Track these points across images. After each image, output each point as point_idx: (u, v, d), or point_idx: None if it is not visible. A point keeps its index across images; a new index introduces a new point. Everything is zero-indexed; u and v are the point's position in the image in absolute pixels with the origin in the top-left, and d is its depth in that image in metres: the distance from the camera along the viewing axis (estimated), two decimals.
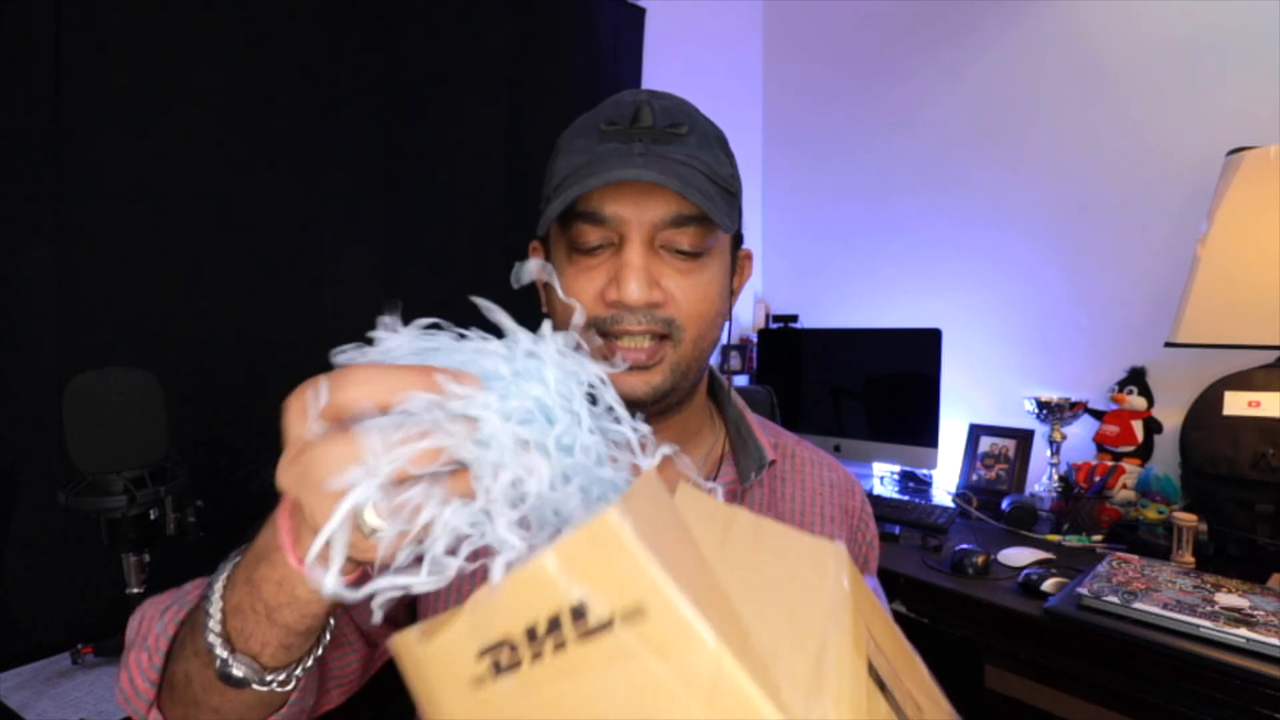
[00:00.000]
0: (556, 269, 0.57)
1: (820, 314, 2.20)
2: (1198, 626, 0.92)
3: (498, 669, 0.23)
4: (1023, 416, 1.69)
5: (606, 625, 0.22)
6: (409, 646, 0.25)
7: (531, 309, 1.69)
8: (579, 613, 0.22)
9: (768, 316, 2.25)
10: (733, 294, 0.62)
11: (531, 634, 0.22)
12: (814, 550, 0.29)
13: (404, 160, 1.44)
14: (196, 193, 1.17)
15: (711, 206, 0.52)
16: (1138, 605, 0.97)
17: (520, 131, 1.62)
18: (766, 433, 0.67)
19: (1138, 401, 1.55)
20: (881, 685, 0.25)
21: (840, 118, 2.16)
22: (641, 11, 1.91)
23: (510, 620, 0.23)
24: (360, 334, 0.34)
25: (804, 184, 2.24)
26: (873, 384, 1.84)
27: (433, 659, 0.25)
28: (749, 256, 0.65)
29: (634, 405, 0.56)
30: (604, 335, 0.55)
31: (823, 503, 0.68)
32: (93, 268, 1.07)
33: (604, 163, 0.52)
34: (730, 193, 0.57)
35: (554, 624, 0.22)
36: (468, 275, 1.56)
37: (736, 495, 0.64)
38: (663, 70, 1.97)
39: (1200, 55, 1.50)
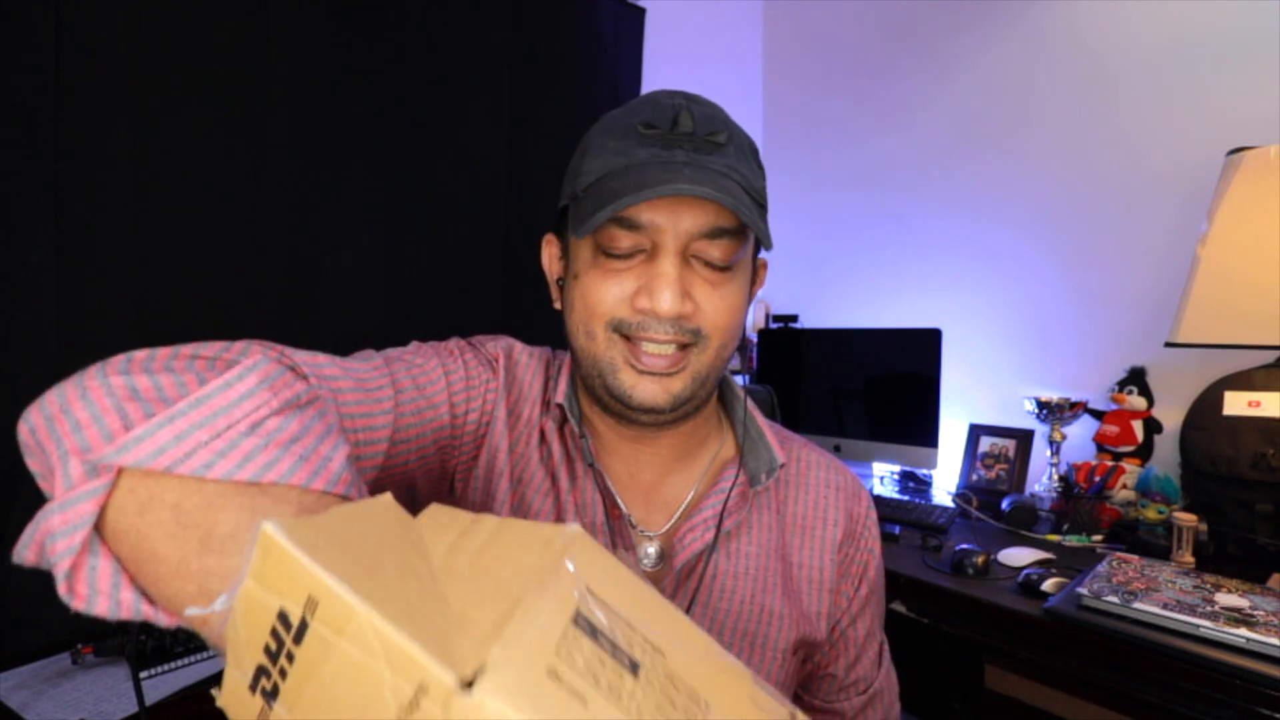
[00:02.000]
0: (580, 267, 0.57)
1: (820, 314, 2.20)
2: (1198, 626, 0.92)
3: (267, 696, 0.25)
4: (1023, 416, 1.69)
5: (304, 623, 0.24)
6: (219, 698, 0.27)
7: (530, 301, 1.69)
8: (285, 619, 0.24)
9: (768, 316, 2.25)
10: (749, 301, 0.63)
11: (269, 653, 0.24)
12: (545, 534, 0.30)
13: (404, 160, 1.44)
14: (196, 193, 1.17)
15: (754, 219, 0.51)
16: (1138, 605, 0.97)
17: (520, 131, 1.62)
18: (775, 435, 0.67)
19: (1138, 401, 1.55)
20: (594, 631, 0.26)
21: (840, 117, 2.16)
22: (641, 11, 1.91)
23: (252, 646, 0.25)
24: (360, 332, 0.34)
25: (804, 183, 2.24)
26: (873, 384, 1.84)
27: (230, 707, 0.27)
28: (765, 265, 0.66)
29: (652, 412, 0.56)
30: (626, 337, 0.55)
31: (827, 505, 0.67)
32: (93, 268, 1.07)
33: (648, 171, 0.51)
34: (762, 206, 0.57)
35: (277, 637, 0.24)
36: (468, 274, 1.56)
37: (747, 498, 0.64)
38: (663, 70, 1.97)
39: (1200, 56, 1.50)
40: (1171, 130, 1.54)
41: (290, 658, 0.24)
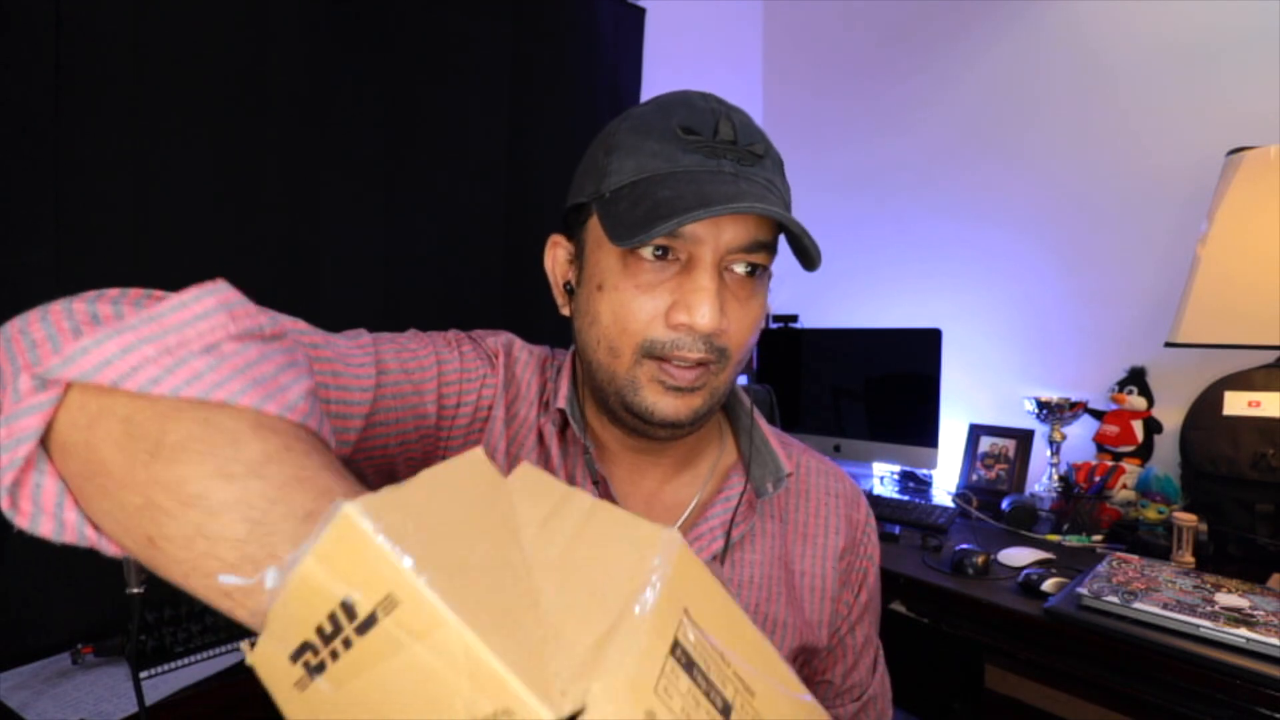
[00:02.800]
0: (605, 276, 0.54)
1: (820, 314, 2.20)
2: (1198, 626, 0.92)
3: (309, 670, 0.24)
4: (1023, 416, 1.69)
5: (373, 617, 0.22)
6: (249, 655, 0.26)
7: (529, 301, 1.69)
8: (350, 610, 0.23)
9: (768, 316, 2.25)
10: None
11: (323, 634, 0.23)
12: (642, 535, 0.29)
13: (404, 160, 1.44)
14: (196, 192, 1.17)
15: (810, 239, 0.51)
16: (1138, 605, 0.97)
17: (521, 131, 1.62)
18: (779, 442, 0.67)
19: (1138, 401, 1.55)
20: (690, 665, 0.25)
21: (840, 118, 2.16)
22: (641, 11, 1.91)
23: (302, 625, 0.24)
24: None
25: (804, 184, 2.23)
26: (873, 384, 1.84)
27: (261, 667, 0.25)
28: (770, 275, 0.65)
29: (672, 427, 0.55)
30: (654, 357, 0.53)
31: (828, 513, 0.67)
32: (93, 268, 1.07)
33: (702, 182, 0.49)
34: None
35: (335, 623, 0.23)
36: (469, 274, 1.56)
37: (754, 507, 0.63)
38: (663, 70, 1.97)
39: (1200, 55, 1.50)
40: (1171, 130, 1.54)
41: (348, 644, 0.23)
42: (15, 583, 1.02)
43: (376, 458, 0.52)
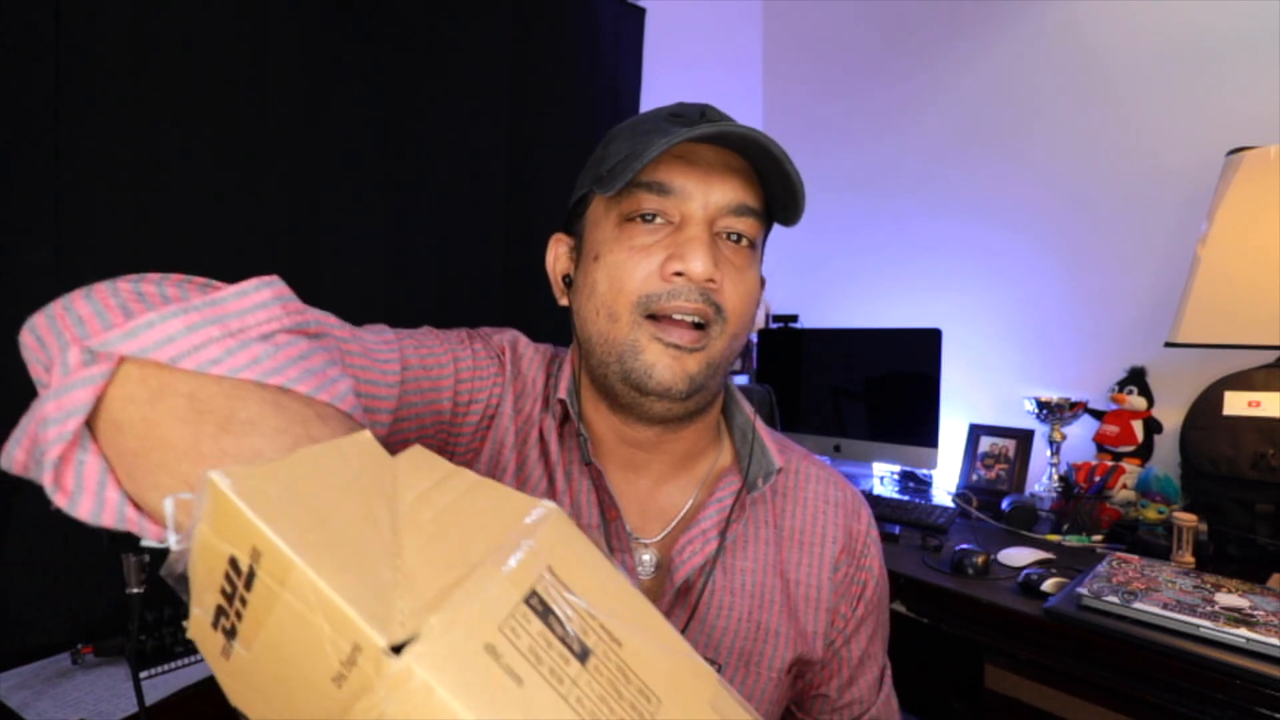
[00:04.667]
0: (601, 246, 0.56)
1: (820, 314, 2.20)
2: (1198, 626, 0.92)
3: (227, 634, 0.25)
4: (1023, 416, 1.69)
5: (252, 571, 0.24)
6: (189, 630, 0.28)
7: (529, 301, 1.69)
8: (235, 565, 0.24)
9: (768, 316, 2.25)
10: None
11: (226, 595, 0.25)
12: (517, 505, 0.30)
13: (404, 159, 1.44)
14: (196, 193, 1.17)
15: (793, 167, 0.54)
16: (1138, 605, 0.97)
17: (520, 130, 1.62)
18: (775, 443, 0.66)
19: (1138, 401, 1.55)
20: (545, 612, 0.26)
21: (840, 118, 2.16)
22: (641, 11, 1.91)
23: (210, 586, 0.25)
24: None
25: (804, 183, 2.24)
26: (873, 384, 1.84)
27: (196, 638, 0.27)
28: (763, 280, 0.65)
29: (667, 397, 0.55)
30: (652, 315, 0.54)
31: (825, 521, 0.66)
32: (93, 268, 1.07)
33: (680, 133, 0.52)
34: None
35: (230, 581, 0.25)
36: (468, 272, 1.56)
37: (745, 504, 0.63)
38: (663, 70, 1.97)
39: (1200, 55, 1.50)
40: (1171, 130, 1.54)
41: (244, 601, 0.24)
42: (15, 583, 1.02)
43: (397, 451, 0.53)
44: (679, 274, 0.53)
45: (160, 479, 0.30)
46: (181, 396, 0.30)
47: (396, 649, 0.22)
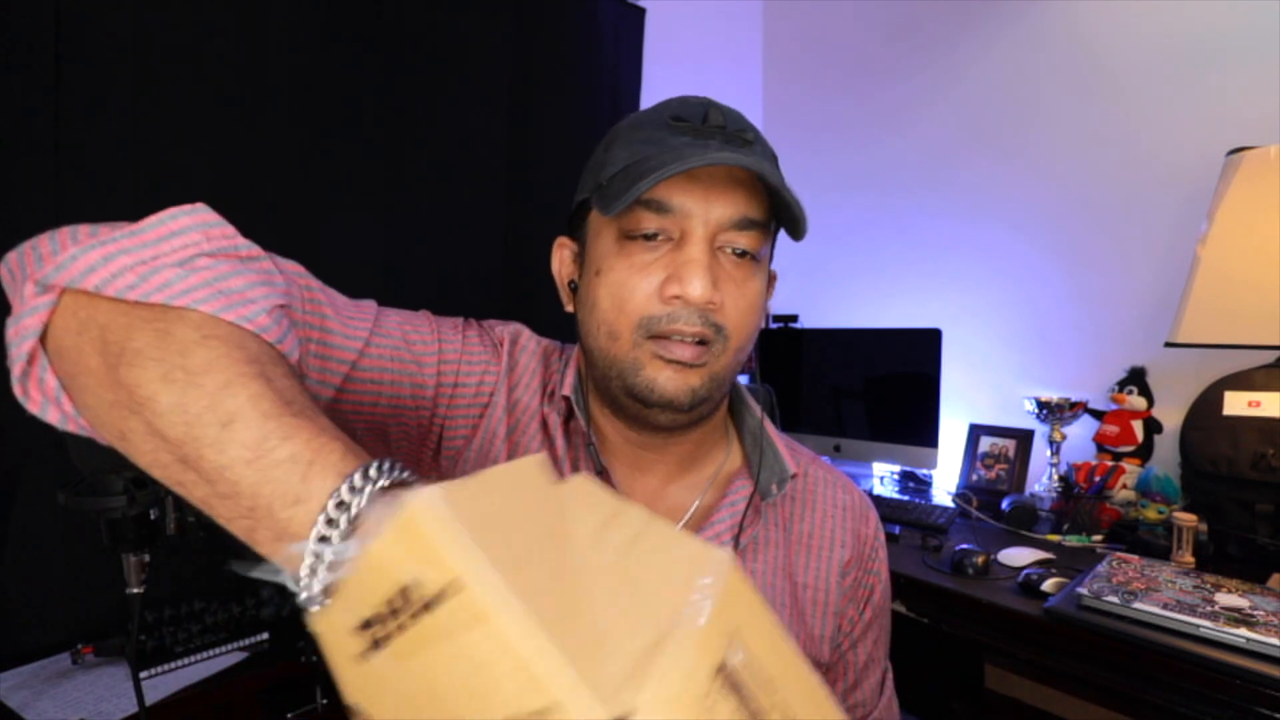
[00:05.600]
0: (602, 261, 0.55)
1: (820, 314, 2.20)
2: (1198, 626, 0.92)
3: (375, 644, 0.25)
4: (1023, 416, 1.69)
5: (437, 599, 0.23)
6: (314, 622, 0.27)
7: (530, 301, 1.69)
8: (418, 589, 0.24)
9: (768, 316, 2.25)
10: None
11: (391, 608, 0.24)
12: (694, 551, 0.29)
13: (405, 160, 1.44)
14: (196, 193, 1.17)
15: (791, 196, 0.52)
16: (1138, 605, 0.97)
17: (521, 130, 1.62)
18: (786, 447, 0.66)
19: (1138, 401, 1.55)
20: (736, 687, 0.25)
21: (840, 117, 2.16)
22: (641, 11, 1.91)
23: (373, 597, 0.25)
24: None
25: (804, 184, 2.24)
26: (873, 384, 1.84)
27: (327, 635, 0.27)
28: (775, 277, 0.65)
29: (670, 409, 0.54)
30: (653, 336, 0.53)
31: (834, 525, 0.66)
32: None
33: (682, 152, 0.50)
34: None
35: (405, 598, 0.24)
36: (468, 273, 1.56)
37: (759, 511, 0.62)
38: (663, 70, 1.97)
39: (1200, 55, 1.50)
40: (1171, 130, 1.54)
41: (413, 620, 0.24)
42: (15, 583, 1.02)
43: (365, 413, 0.53)
44: (678, 296, 0.52)
45: (88, 400, 0.35)
46: (98, 326, 0.34)
47: None
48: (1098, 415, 1.62)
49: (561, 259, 0.62)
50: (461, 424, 0.59)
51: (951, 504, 1.60)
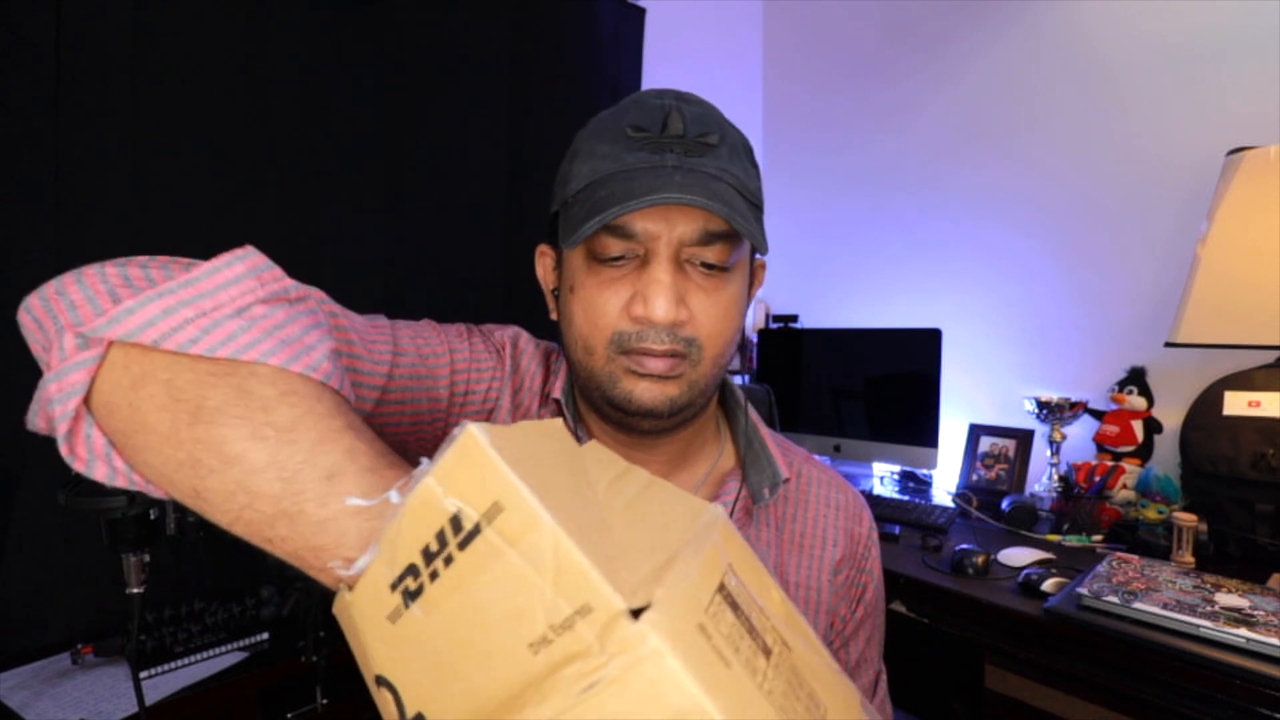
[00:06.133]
0: (574, 277, 0.55)
1: (820, 314, 2.20)
2: (1198, 626, 0.92)
3: (408, 597, 0.26)
4: (1023, 416, 1.69)
5: (476, 529, 0.24)
6: (343, 604, 0.28)
7: (530, 302, 1.69)
8: (457, 523, 0.25)
9: (768, 316, 2.25)
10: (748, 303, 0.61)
11: (427, 554, 0.25)
12: (693, 503, 0.32)
13: (404, 160, 1.44)
14: (196, 193, 1.17)
15: (748, 225, 0.50)
16: (1138, 605, 0.97)
17: (520, 130, 1.62)
18: (778, 447, 0.66)
19: (1138, 401, 1.55)
20: (734, 606, 0.27)
21: (840, 117, 2.16)
22: (641, 11, 1.91)
23: (411, 546, 0.26)
24: None
25: (804, 184, 2.24)
26: (873, 384, 1.84)
27: (356, 605, 0.28)
28: (763, 266, 0.64)
29: (651, 416, 0.55)
30: (625, 352, 0.54)
31: (826, 524, 0.66)
32: None
33: (637, 177, 0.50)
34: (757, 207, 0.56)
35: (441, 539, 0.25)
36: (468, 274, 1.56)
37: (750, 513, 0.62)
38: (663, 70, 1.97)
39: (1200, 55, 1.50)
40: (1171, 130, 1.54)
41: (449, 560, 0.25)
42: (15, 583, 1.02)
43: (388, 433, 0.53)
44: (643, 317, 0.52)
45: (147, 459, 0.33)
46: (160, 383, 0.33)
47: (635, 614, 0.22)
48: (1098, 415, 1.62)
49: (545, 267, 0.63)
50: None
51: (951, 504, 1.60)
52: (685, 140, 0.53)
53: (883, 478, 1.90)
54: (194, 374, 0.33)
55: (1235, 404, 1.30)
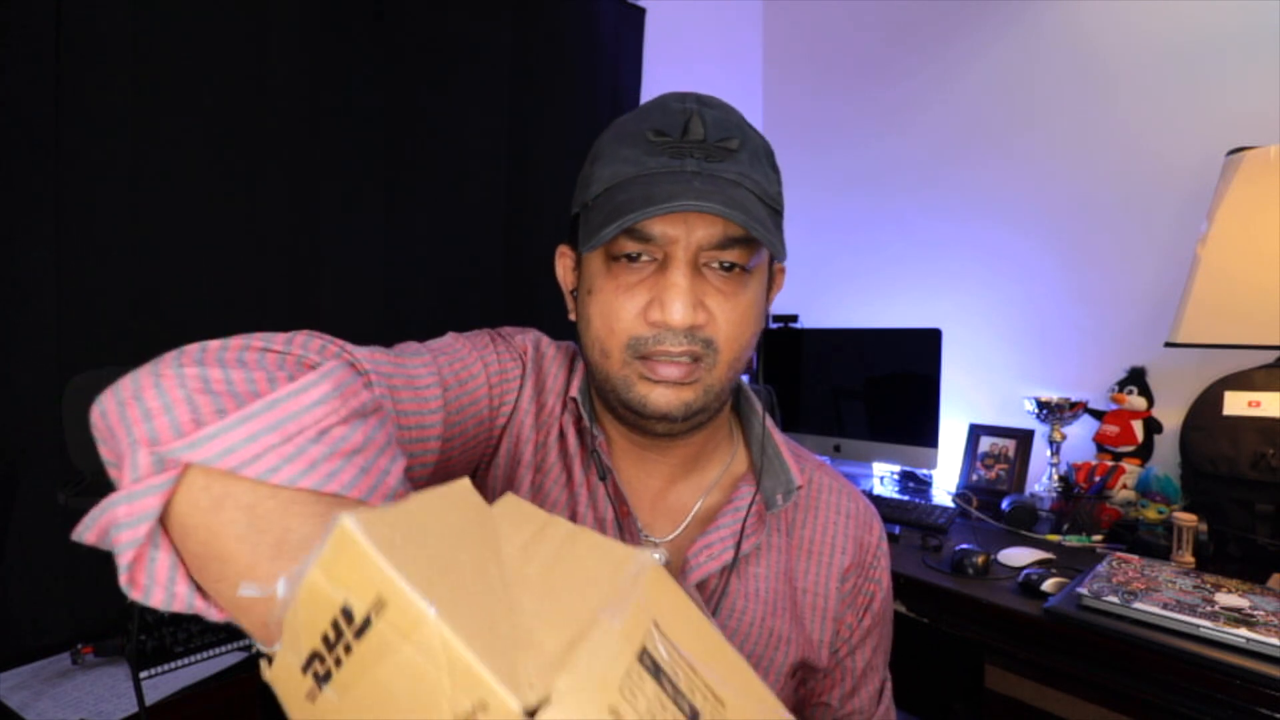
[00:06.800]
0: (592, 280, 0.56)
1: (820, 314, 2.20)
2: (1198, 626, 0.92)
3: (318, 680, 0.25)
4: (1023, 416, 1.69)
5: (368, 620, 0.24)
6: (265, 673, 0.28)
7: (530, 302, 1.69)
8: (348, 614, 0.24)
9: (768, 316, 2.25)
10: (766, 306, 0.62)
11: (327, 641, 0.25)
12: (618, 555, 0.31)
13: (405, 161, 1.44)
14: (196, 193, 1.17)
15: (767, 234, 0.50)
16: (1138, 605, 0.97)
17: (521, 131, 1.62)
18: (792, 454, 0.66)
19: (1138, 401, 1.55)
20: (657, 671, 0.26)
21: (840, 117, 2.16)
22: (641, 11, 1.91)
23: (310, 633, 0.25)
24: (362, 333, 0.34)
25: (804, 184, 2.24)
26: (873, 384, 1.84)
27: (277, 682, 0.27)
28: (782, 270, 0.64)
29: (665, 420, 0.55)
30: (642, 356, 0.54)
31: (835, 532, 0.66)
32: (93, 268, 1.07)
33: (656, 182, 0.50)
34: (777, 212, 0.56)
35: (337, 628, 0.24)
36: (468, 272, 1.56)
37: (764, 520, 0.63)
38: (663, 70, 1.97)
39: (1200, 55, 1.50)
40: (1171, 130, 1.54)
41: (348, 649, 0.24)
42: (15, 583, 1.02)
43: (452, 463, 0.55)
44: (661, 321, 0.53)
45: (221, 589, 0.32)
46: (241, 509, 0.32)
47: (530, 713, 0.22)
48: (1098, 415, 1.62)
49: (565, 268, 0.63)
50: (496, 435, 0.61)
51: (951, 504, 1.60)
52: (706, 145, 0.53)
53: (883, 478, 1.90)
54: (277, 502, 0.32)
55: (1235, 404, 1.30)
